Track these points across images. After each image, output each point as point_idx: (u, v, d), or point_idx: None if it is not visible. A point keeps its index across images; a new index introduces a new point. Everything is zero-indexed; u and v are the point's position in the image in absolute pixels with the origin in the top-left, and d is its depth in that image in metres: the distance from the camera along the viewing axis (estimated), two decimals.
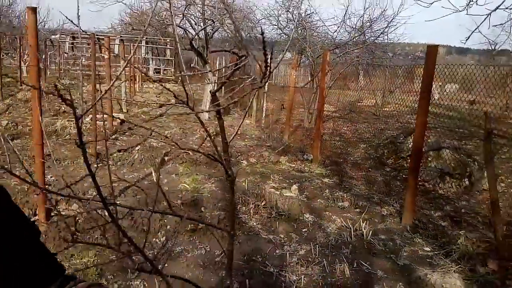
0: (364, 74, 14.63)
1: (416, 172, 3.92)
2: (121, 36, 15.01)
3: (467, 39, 5.72)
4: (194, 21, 8.45)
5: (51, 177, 4.59)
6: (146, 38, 18.61)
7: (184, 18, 7.76)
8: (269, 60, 0.82)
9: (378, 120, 11.38)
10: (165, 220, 3.55)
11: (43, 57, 14.70)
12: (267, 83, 8.98)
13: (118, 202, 1.20)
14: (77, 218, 3.18)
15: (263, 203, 3.96)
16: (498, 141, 7.83)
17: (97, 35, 10.88)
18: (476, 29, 5.36)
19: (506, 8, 5.20)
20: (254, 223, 3.69)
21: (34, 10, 3.00)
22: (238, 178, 5.03)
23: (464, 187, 5.40)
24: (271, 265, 2.97)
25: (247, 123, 9.40)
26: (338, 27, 9.41)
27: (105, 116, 7.58)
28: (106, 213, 0.92)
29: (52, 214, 3.40)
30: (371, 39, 9.05)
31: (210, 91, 1.13)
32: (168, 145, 6.47)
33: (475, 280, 2.97)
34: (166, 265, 2.80)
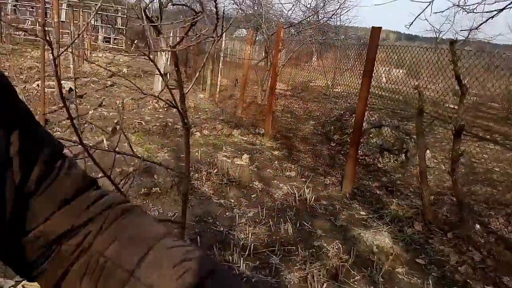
0: (317, 55, 15.02)
1: (356, 144, 4.26)
2: (68, 1, 14.23)
3: (410, 24, 6.13)
4: None
5: None
6: (95, 4, 17.75)
7: None
8: (220, 14, 0.97)
9: (328, 100, 11.83)
10: None
11: None
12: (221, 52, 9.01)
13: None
14: None
15: (215, 171, 4.14)
16: (435, 123, 8.52)
17: None
18: (419, 15, 5.76)
19: None
20: (206, 189, 3.86)
21: None
22: (191, 148, 5.16)
23: (401, 162, 5.90)
24: (221, 225, 3.18)
25: (201, 97, 9.44)
26: (293, 5, 9.57)
27: (52, 83, 7.31)
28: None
29: None
30: (324, 19, 9.33)
31: (169, 45, 1.27)
32: (120, 115, 6.41)
33: (402, 239, 3.36)
34: None
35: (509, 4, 5.35)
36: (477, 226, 3.91)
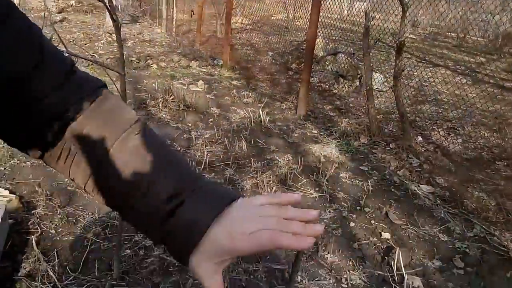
0: None
1: (309, 67, 4.39)
2: None
3: None
4: None
5: None
6: None
7: None
8: None
9: (289, 32, 11.74)
10: None
11: None
12: None
13: None
14: None
15: (171, 98, 4.19)
16: (391, 51, 8.72)
17: None
18: None
19: None
20: (163, 115, 3.94)
21: None
22: (147, 80, 5.14)
23: (355, 87, 6.13)
24: (179, 145, 3.32)
25: (158, 32, 9.15)
26: None
27: None
28: None
29: None
30: None
31: None
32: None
33: (349, 150, 3.64)
34: None
35: None
36: (419, 138, 4.25)
